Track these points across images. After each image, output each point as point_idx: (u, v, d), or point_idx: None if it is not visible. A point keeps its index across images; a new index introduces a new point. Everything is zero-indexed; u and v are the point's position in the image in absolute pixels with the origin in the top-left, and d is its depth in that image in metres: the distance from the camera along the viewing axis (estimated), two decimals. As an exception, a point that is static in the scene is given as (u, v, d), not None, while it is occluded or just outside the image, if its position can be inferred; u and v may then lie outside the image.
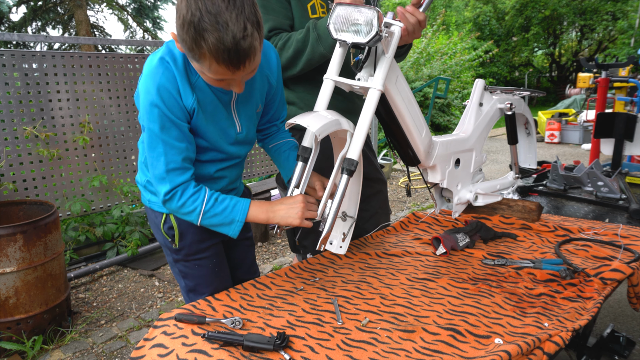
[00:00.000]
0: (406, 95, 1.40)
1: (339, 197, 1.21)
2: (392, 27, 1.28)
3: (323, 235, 1.22)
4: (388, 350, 1.06)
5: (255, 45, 1.06)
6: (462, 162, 1.72)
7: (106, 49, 9.34)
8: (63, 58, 3.06)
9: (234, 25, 1.00)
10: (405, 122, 1.41)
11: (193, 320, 1.13)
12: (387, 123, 1.45)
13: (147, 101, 1.16)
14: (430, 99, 6.93)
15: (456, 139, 1.69)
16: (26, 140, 2.95)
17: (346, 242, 1.45)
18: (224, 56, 1.03)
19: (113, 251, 3.42)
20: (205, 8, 1.00)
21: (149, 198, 1.44)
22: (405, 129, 1.43)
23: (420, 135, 1.47)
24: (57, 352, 2.36)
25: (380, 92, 1.25)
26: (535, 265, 1.46)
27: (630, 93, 5.72)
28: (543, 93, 2.14)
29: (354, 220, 1.47)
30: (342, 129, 1.25)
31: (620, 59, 12.88)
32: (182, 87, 1.18)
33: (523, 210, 1.91)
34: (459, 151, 1.70)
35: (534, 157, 2.16)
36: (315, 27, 1.54)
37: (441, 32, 11.04)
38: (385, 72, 1.26)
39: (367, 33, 1.16)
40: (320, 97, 1.30)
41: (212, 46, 1.01)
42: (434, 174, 1.63)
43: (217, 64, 1.05)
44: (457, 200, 1.75)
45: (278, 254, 3.65)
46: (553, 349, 1.05)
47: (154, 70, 1.16)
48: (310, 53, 1.56)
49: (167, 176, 1.21)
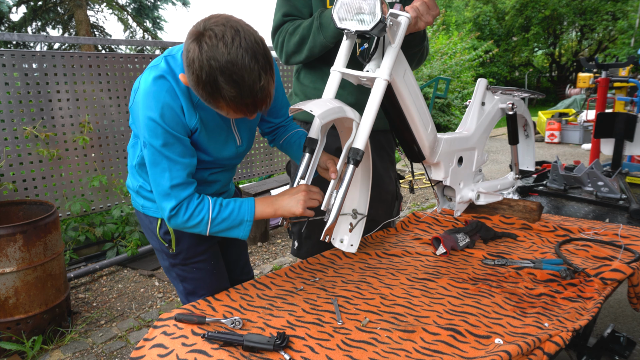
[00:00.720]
0: (413, 89, 1.39)
1: (344, 187, 1.20)
2: (399, 17, 1.26)
3: (327, 225, 1.21)
4: (388, 351, 1.06)
5: (270, 89, 1.09)
6: (464, 160, 1.72)
7: (106, 49, 9.33)
8: (63, 58, 3.06)
9: (249, 78, 1.03)
10: (411, 116, 1.40)
11: (193, 320, 1.13)
12: (393, 117, 1.44)
13: (148, 117, 1.14)
14: (430, 99, 6.93)
15: (459, 136, 1.69)
16: (26, 140, 2.95)
17: (356, 240, 1.44)
18: (241, 107, 1.07)
19: (113, 251, 3.42)
20: (219, 66, 1.00)
21: (142, 203, 1.42)
22: (412, 123, 1.42)
23: (426, 130, 1.46)
24: (57, 352, 2.36)
25: (387, 82, 1.24)
26: (536, 265, 1.46)
27: (630, 93, 5.72)
28: (542, 95, 2.14)
29: (364, 217, 1.47)
30: (348, 118, 1.24)
31: (620, 59, 12.88)
32: (185, 106, 1.18)
33: (524, 210, 1.91)
34: (462, 149, 1.70)
35: (532, 159, 2.15)
36: (319, 16, 1.56)
37: (441, 32, 11.03)
38: (392, 62, 1.24)
39: (371, 21, 1.16)
40: (327, 89, 1.30)
41: (229, 101, 1.05)
42: (437, 171, 1.63)
43: (235, 113, 1.10)
44: (460, 199, 1.75)
45: (278, 254, 3.65)
46: (553, 349, 1.05)
47: (157, 88, 1.15)
48: (312, 41, 1.59)
49: (172, 192, 1.20)
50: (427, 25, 1.46)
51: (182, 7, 12.24)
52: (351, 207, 1.48)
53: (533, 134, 2.11)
